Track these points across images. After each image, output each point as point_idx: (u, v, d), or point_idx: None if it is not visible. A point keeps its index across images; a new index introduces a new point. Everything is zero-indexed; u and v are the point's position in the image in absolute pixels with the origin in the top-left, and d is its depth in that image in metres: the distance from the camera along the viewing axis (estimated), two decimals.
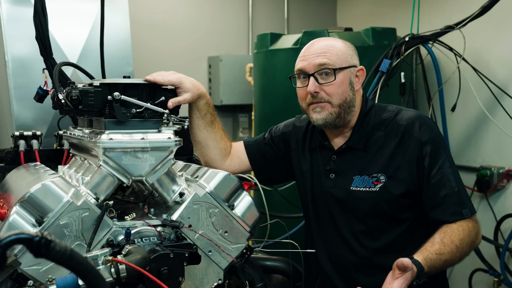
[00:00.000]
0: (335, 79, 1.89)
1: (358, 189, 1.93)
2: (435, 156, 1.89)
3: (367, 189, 1.92)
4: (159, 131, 1.72)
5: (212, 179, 1.76)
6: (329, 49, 1.92)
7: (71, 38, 3.32)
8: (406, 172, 1.89)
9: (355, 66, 1.96)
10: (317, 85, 1.90)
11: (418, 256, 1.75)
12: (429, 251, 1.77)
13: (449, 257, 1.80)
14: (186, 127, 1.98)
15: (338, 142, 2.01)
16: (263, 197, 2.30)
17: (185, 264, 1.60)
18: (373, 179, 1.91)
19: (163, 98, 1.77)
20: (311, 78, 1.90)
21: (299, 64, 1.96)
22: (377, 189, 1.90)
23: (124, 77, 1.76)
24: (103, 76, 2.44)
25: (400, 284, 1.66)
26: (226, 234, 1.76)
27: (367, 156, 1.94)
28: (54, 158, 2.31)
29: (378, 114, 1.99)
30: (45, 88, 2.16)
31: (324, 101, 1.91)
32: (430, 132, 1.91)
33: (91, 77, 2.25)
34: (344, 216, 1.97)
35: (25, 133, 2.37)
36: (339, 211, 1.98)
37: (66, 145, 2.28)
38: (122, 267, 1.41)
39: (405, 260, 1.66)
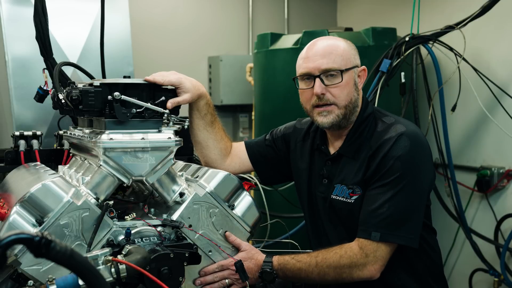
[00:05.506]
0: (342, 80, 1.86)
1: (337, 198, 1.91)
2: (391, 173, 1.78)
3: (344, 199, 1.90)
4: (159, 131, 1.72)
5: (212, 179, 1.76)
6: (333, 50, 1.88)
7: (71, 38, 3.32)
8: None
9: (358, 66, 1.93)
10: (324, 87, 1.86)
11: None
12: (288, 254, 1.86)
13: (305, 267, 1.82)
14: (186, 127, 1.98)
15: (337, 146, 1.99)
16: (263, 197, 2.30)
17: (185, 264, 1.60)
18: (349, 190, 1.88)
19: (163, 98, 1.77)
20: (317, 80, 1.86)
21: (303, 66, 1.91)
22: (352, 201, 1.88)
23: (124, 77, 1.76)
24: (103, 76, 2.44)
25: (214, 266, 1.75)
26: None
27: (354, 165, 1.90)
28: (54, 158, 2.31)
29: (374, 123, 1.92)
30: (45, 88, 2.16)
31: (330, 103, 1.87)
32: (407, 152, 1.78)
33: (91, 77, 2.25)
34: (330, 223, 1.97)
35: (25, 133, 2.37)
36: (326, 218, 1.98)
37: (66, 145, 2.28)
38: (122, 267, 1.41)
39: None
